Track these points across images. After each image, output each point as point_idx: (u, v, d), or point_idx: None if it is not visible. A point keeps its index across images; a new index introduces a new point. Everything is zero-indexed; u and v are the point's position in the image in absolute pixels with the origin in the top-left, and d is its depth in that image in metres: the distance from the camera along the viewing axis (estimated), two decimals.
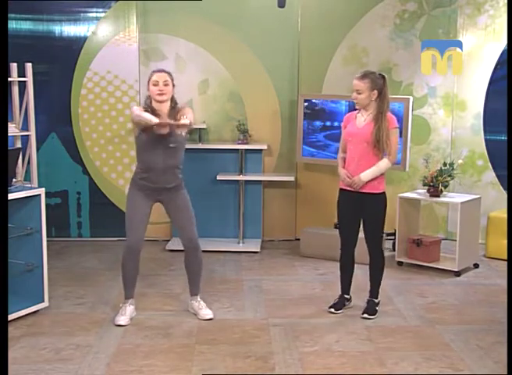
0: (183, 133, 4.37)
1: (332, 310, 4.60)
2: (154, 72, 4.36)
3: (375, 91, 4.34)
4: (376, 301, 4.58)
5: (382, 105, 4.35)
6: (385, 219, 4.51)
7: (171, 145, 4.30)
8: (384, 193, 4.46)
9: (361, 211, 4.47)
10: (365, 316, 4.49)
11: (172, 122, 4.19)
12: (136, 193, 4.39)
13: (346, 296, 4.70)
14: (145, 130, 4.24)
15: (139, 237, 4.38)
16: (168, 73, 4.36)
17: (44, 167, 6.12)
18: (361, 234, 4.56)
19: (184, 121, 4.17)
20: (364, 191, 4.40)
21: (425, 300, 4.92)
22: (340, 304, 4.65)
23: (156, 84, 4.28)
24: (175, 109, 4.37)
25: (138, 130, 4.31)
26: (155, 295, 4.97)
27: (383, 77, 4.39)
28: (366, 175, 4.36)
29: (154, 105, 4.32)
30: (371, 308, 4.54)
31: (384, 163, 4.38)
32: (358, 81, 4.35)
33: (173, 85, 4.37)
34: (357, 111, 4.49)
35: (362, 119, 4.42)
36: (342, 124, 4.61)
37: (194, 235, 4.48)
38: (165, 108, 4.33)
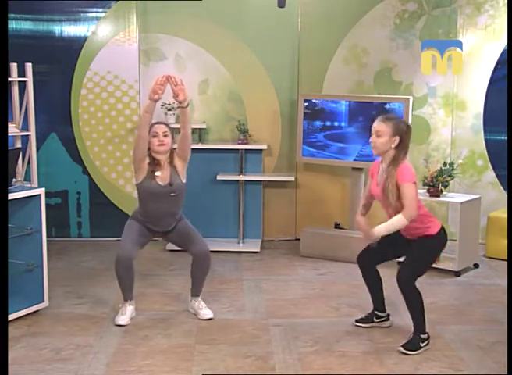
0: (183, 180, 4.45)
1: (354, 322, 4.36)
2: (153, 124, 4.40)
3: (397, 138, 3.95)
4: (423, 336, 4.00)
5: (398, 155, 3.97)
6: (429, 263, 4.09)
7: (172, 194, 4.38)
8: (437, 235, 4.04)
9: (405, 249, 4.10)
10: (400, 349, 3.96)
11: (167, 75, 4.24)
12: (136, 223, 4.49)
13: (377, 312, 4.34)
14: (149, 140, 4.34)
15: (129, 249, 4.35)
16: (167, 125, 4.46)
17: (44, 167, 6.12)
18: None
19: (180, 86, 4.24)
20: (412, 238, 4.06)
21: (425, 300, 4.87)
22: (367, 319, 4.35)
23: (156, 136, 4.34)
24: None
25: (139, 178, 4.39)
26: (155, 295, 4.97)
27: (407, 125, 4.06)
28: (379, 230, 3.96)
29: (155, 156, 4.39)
30: (410, 342, 3.99)
31: (397, 219, 3.92)
32: (380, 123, 3.98)
33: (172, 137, 4.43)
34: (380, 159, 4.10)
35: (381, 173, 4.04)
36: (369, 172, 4.25)
37: (206, 246, 4.52)
38: (164, 161, 4.40)
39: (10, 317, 4.21)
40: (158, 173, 4.37)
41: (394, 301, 4.58)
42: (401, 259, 4.24)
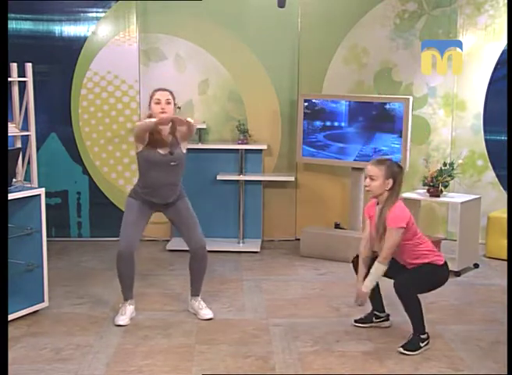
0: (184, 150, 4.41)
1: (353, 322, 4.38)
2: (156, 90, 4.35)
3: (390, 180, 3.98)
4: (422, 336, 4.00)
5: (391, 196, 3.99)
6: (426, 283, 4.07)
7: (172, 164, 4.33)
8: (438, 265, 4.05)
9: (400, 273, 4.09)
10: (400, 349, 3.95)
11: (172, 116, 4.22)
12: (135, 202, 4.42)
13: (376, 313, 4.36)
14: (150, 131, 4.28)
15: (130, 242, 4.34)
16: (170, 92, 4.38)
17: (44, 167, 6.11)
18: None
19: (188, 119, 4.19)
20: (411, 267, 4.09)
21: (425, 300, 4.89)
22: (366, 320, 4.38)
23: (158, 103, 4.29)
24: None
25: (139, 147, 4.34)
26: (155, 295, 4.97)
27: (400, 166, 4.09)
28: (368, 285, 4.04)
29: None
30: (410, 342, 3.98)
31: (376, 268, 4.00)
32: (373, 167, 4.01)
33: (175, 104, 4.39)
34: (376, 200, 4.11)
35: (378, 214, 4.06)
36: (366, 214, 4.26)
37: (203, 241, 4.49)
38: (165, 129, 4.35)
39: (10, 317, 4.21)
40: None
41: (394, 301, 4.58)
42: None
